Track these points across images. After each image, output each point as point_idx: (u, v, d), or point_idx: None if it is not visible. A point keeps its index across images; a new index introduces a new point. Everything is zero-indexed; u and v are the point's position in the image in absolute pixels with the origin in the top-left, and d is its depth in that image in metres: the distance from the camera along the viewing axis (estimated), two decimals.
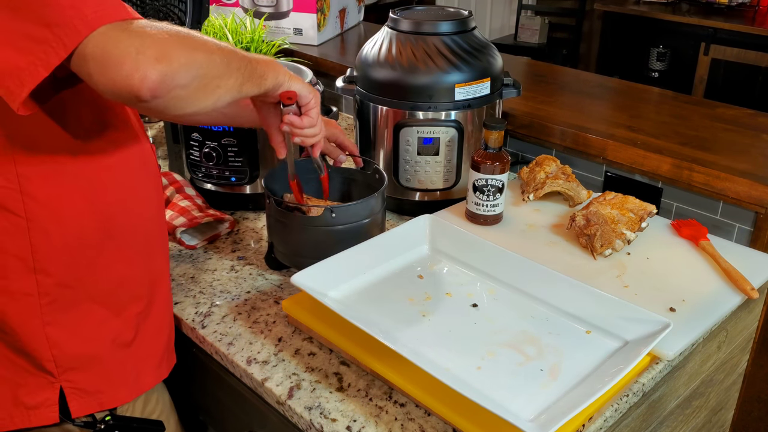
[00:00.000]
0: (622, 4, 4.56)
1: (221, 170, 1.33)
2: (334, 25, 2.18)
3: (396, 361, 0.89)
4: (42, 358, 0.89)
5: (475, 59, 1.30)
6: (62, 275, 0.88)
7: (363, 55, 1.37)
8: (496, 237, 1.23)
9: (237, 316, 1.09)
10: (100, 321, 0.93)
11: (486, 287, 1.09)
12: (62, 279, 0.88)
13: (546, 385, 0.89)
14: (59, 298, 0.89)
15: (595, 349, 0.95)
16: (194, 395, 1.22)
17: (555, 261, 1.16)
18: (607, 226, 1.18)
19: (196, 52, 0.76)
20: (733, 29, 4.00)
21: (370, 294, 1.07)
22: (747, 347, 1.29)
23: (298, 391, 0.94)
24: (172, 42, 0.74)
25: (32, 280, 0.87)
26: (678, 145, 1.36)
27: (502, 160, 1.24)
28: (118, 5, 0.73)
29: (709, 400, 1.22)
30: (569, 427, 0.83)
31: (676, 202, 1.36)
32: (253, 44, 1.71)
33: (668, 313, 1.04)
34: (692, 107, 1.60)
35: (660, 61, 4.47)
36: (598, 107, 1.62)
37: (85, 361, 0.93)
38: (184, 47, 0.74)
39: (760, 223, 1.25)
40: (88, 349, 0.93)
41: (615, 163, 1.41)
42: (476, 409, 0.80)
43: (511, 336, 0.98)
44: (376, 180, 1.22)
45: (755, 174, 1.24)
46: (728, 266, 1.13)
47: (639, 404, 0.97)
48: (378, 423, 0.88)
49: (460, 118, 1.31)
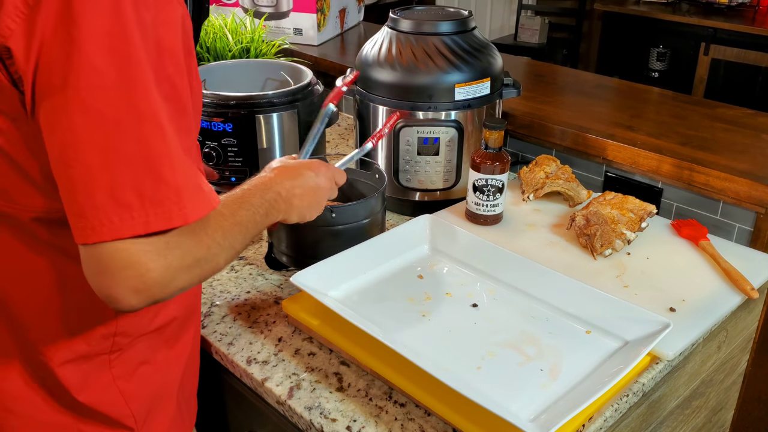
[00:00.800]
0: (622, 4, 4.56)
1: (221, 170, 1.33)
2: (334, 25, 2.18)
3: (396, 361, 0.89)
4: (121, 415, 0.87)
5: (475, 59, 1.30)
6: (122, 322, 0.84)
7: (363, 55, 1.37)
8: (496, 237, 1.23)
9: (237, 316, 1.09)
10: (163, 360, 0.91)
11: (486, 287, 1.09)
12: (122, 326, 0.84)
13: (546, 385, 0.89)
14: (120, 344, 0.85)
15: (595, 349, 0.95)
16: None
17: (555, 261, 1.16)
18: (607, 226, 1.18)
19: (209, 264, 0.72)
20: (733, 29, 4.00)
21: (370, 294, 1.07)
22: (747, 347, 1.29)
23: (298, 391, 0.94)
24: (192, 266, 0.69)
25: (110, 340, 0.83)
26: (678, 145, 1.36)
27: (502, 160, 1.24)
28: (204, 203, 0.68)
29: (709, 400, 1.22)
30: (569, 427, 0.83)
31: (676, 202, 1.36)
32: (253, 44, 1.71)
33: (668, 313, 1.04)
34: (692, 107, 1.60)
35: (660, 61, 4.47)
36: (598, 107, 1.62)
37: (156, 403, 0.91)
38: (199, 267, 0.70)
39: (760, 223, 1.25)
40: (157, 390, 0.91)
41: (615, 163, 1.41)
42: (476, 409, 0.80)
43: (511, 336, 0.98)
44: (376, 180, 1.22)
45: (755, 174, 1.24)
46: (728, 266, 1.13)
47: (639, 404, 0.97)
48: (378, 423, 0.88)
49: (460, 118, 1.31)
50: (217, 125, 1.29)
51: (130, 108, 0.63)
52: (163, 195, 0.64)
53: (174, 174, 0.65)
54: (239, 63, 1.57)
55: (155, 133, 0.64)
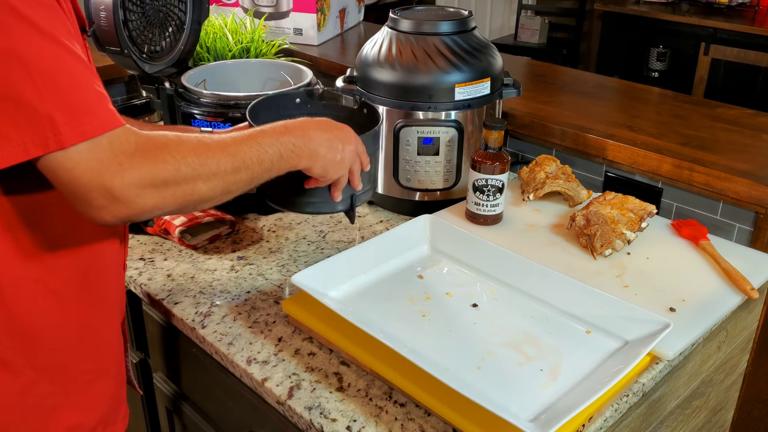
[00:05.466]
0: (622, 4, 4.56)
1: None
2: (334, 25, 2.18)
3: (396, 361, 0.89)
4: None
5: (475, 59, 1.30)
6: None
7: (363, 55, 1.37)
8: (496, 237, 1.23)
9: (237, 316, 1.09)
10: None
11: (486, 287, 1.09)
12: None
13: (546, 385, 0.89)
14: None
15: (595, 349, 0.95)
16: (194, 395, 1.22)
17: (555, 261, 1.16)
18: (607, 226, 1.18)
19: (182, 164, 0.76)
20: (733, 29, 4.00)
21: (370, 294, 1.07)
22: (747, 347, 1.29)
23: (298, 391, 0.94)
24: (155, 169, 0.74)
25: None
26: (678, 145, 1.36)
27: (502, 160, 1.24)
28: (102, 112, 0.72)
29: (709, 400, 1.22)
30: (569, 427, 0.83)
31: (676, 202, 1.36)
32: (253, 44, 1.71)
33: (668, 313, 1.04)
34: (692, 107, 1.60)
35: (660, 61, 4.47)
36: (598, 107, 1.62)
37: None
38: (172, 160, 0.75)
39: (760, 223, 1.25)
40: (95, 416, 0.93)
41: (615, 163, 1.41)
42: (476, 409, 0.80)
43: (511, 336, 0.98)
44: (371, 121, 1.16)
45: (755, 174, 1.24)
46: (728, 266, 1.13)
47: (639, 404, 0.97)
48: (378, 423, 0.88)
49: (460, 118, 1.31)
50: (217, 125, 1.29)
51: None
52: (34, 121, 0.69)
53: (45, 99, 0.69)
54: (239, 63, 1.57)
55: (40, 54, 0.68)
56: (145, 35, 1.37)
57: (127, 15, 1.30)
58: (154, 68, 1.42)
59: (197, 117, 1.32)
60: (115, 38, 1.28)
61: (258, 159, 0.84)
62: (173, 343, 1.19)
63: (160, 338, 1.24)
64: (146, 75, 1.41)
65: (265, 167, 0.85)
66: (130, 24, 1.31)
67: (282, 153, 0.87)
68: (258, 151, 0.84)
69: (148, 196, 0.73)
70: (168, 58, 1.45)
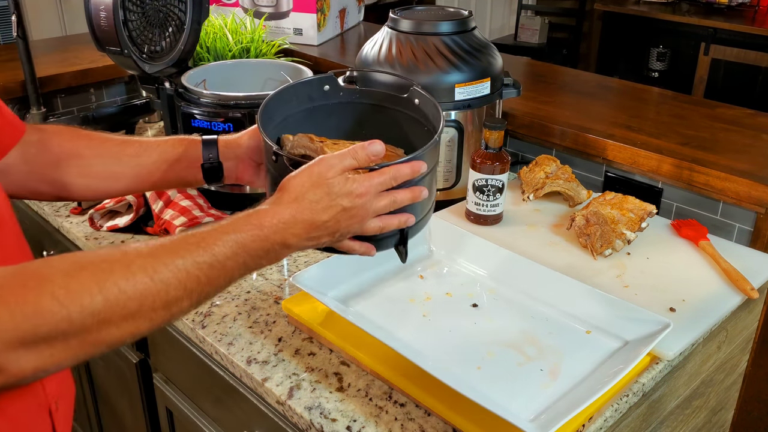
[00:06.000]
0: (622, 4, 4.57)
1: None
2: (334, 25, 2.18)
3: (396, 361, 0.89)
4: None
5: (475, 59, 1.30)
6: None
7: (363, 55, 1.37)
8: (496, 237, 1.23)
9: (237, 316, 1.09)
10: None
11: (486, 287, 1.09)
12: None
13: (546, 385, 0.89)
14: None
15: (595, 349, 0.95)
16: (194, 395, 1.22)
17: (555, 261, 1.16)
18: (607, 226, 1.18)
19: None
20: (733, 29, 4.00)
21: (370, 294, 1.07)
22: (747, 347, 1.29)
23: (298, 391, 0.94)
24: None
25: None
26: (678, 145, 1.36)
27: (502, 160, 1.24)
28: None
29: (709, 400, 1.22)
30: (569, 427, 0.83)
31: (676, 202, 1.36)
32: (253, 44, 1.71)
33: (668, 313, 1.04)
34: (692, 107, 1.60)
35: (660, 61, 4.48)
36: (598, 107, 1.62)
37: None
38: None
39: (760, 223, 1.25)
40: None
41: (615, 163, 1.41)
42: (476, 409, 0.80)
43: (511, 336, 0.98)
44: (423, 116, 0.86)
45: (755, 174, 1.24)
46: (728, 266, 1.13)
47: (639, 404, 0.97)
48: (378, 423, 0.88)
49: (460, 118, 1.31)
50: (217, 125, 1.29)
51: None
52: None
53: None
54: (239, 63, 1.57)
55: None
56: (145, 35, 1.37)
57: (127, 15, 1.30)
58: (154, 68, 1.42)
59: (197, 117, 1.32)
60: (115, 38, 1.29)
61: (192, 276, 0.64)
62: (173, 343, 1.19)
63: (160, 338, 1.24)
64: (146, 75, 1.41)
65: (212, 284, 0.66)
66: (130, 24, 1.31)
67: (248, 264, 0.69)
68: (192, 263, 0.64)
69: (22, 358, 0.54)
70: (168, 58, 1.46)
